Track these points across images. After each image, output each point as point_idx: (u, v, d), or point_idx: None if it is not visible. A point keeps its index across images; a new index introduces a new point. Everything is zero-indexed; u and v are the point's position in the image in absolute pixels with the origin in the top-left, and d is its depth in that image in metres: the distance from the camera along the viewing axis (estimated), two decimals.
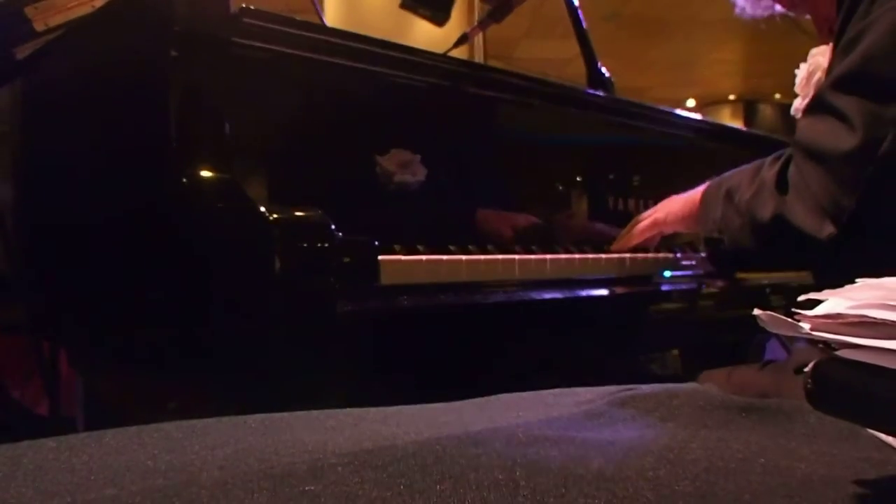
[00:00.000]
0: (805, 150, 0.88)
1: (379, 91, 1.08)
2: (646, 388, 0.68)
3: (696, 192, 1.17)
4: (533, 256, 1.10)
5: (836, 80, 0.85)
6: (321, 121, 1.02)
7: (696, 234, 1.25)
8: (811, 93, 1.10)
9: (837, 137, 0.83)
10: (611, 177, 1.44)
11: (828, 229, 0.83)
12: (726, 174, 1.10)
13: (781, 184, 0.91)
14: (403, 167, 1.05)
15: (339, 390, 0.85)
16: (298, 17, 0.97)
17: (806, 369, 0.46)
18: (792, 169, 0.90)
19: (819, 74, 1.09)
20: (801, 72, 1.13)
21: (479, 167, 1.22)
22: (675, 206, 1.21)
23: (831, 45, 1.03)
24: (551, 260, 1.11)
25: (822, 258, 0.87)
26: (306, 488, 0.43)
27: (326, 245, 0.84)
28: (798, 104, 1.14)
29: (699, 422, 0.60)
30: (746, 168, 1.04)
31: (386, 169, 1.03)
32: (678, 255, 1.34)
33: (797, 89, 1.14)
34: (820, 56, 1.10)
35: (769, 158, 0.99)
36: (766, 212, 0.92)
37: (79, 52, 0.99)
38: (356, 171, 1.02)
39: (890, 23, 0.82)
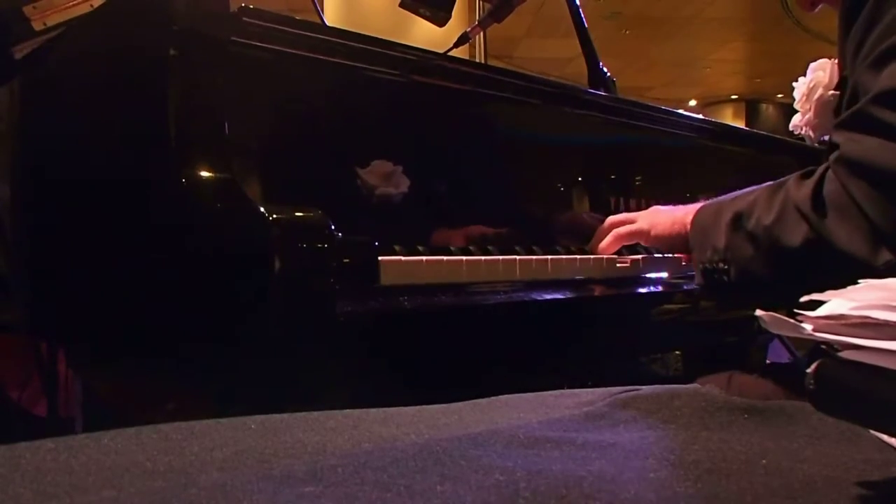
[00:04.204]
0: (854, 168, 0.78)
1: (378, 90, 1.08)
2: (647, 389, 0.68)
3: (684, 214, 1.08)
4: (534, 257, 1.10)
5: (881, 96, 0.77)
6: (321, 120, 1.01)
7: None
8: (812, 109, 1.08)
9: None
10: (612, 177, 1.44)
11: (884, 256, 0.76)
12: (723, 198, 1.01)
13: (818, 204, 0.82)
14: (402, 168, 1.05)
15: (338, 391, 0.85)
16: (298, 17, 0.97)
17: (808, 370, 0.46)
18: (832, 187, 0.81)
19: (821, 91, 1.06)
20: (801, 86, 1.09)
21: (479, 167, 1.22)
22: (661, 222, 1.13)
23: (834, 60, 1.01)
24: (552, 261, 1.11)
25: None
26: (306, 490, 0.43)
27: (326, 245, 0.83)
28: (797, 121, 1.11)
29: (701, 423, 0.60)
30: (755, 191, 0.94)
31: (386, 169, 1.03)
32: (680, 255, 1.33)
33: (797, 105, 1.09)
34: (820, 71, 1.07)
35: (792, 178, 0.88)
36: (795, 237, 0.84)
37: (77, 52, 0.99)
38: (356, 170, 1.02)
39: None
